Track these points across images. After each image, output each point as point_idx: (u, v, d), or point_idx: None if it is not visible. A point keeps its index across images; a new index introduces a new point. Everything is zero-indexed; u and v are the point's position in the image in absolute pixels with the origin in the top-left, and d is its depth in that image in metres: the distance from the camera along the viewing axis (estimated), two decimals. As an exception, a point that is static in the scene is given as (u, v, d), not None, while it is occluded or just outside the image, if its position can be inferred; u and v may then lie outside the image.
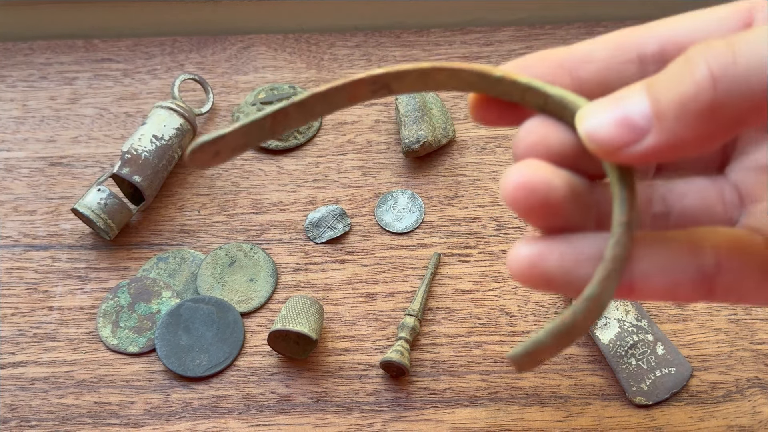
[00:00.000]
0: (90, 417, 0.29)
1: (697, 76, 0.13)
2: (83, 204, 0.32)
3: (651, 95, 0.14)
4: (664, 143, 0.14)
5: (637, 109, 0.14)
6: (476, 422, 0.29)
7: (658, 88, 0.14)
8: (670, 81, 0.14)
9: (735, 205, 0.19)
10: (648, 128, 0.14)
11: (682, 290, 0.16)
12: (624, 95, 0.14)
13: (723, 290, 0.17)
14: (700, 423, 0.28)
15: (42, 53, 0.39)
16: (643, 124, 0.14)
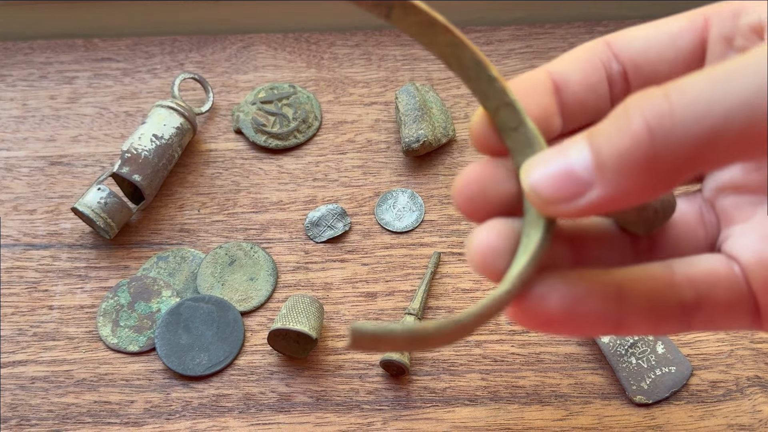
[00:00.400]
0: (90, 416, 0.29)
1: (633, 128, 0.13)
2: (83, 203, 0.32)
3: (592, 147, 0.14)
4: (608, 196, 0.14)
5: (579, 161, 0.14)
6: (476, 421, 0.29)
7: (598, 140, 0.14)
8: (609, 133, 0.14)
9: (714, 225, 0.19)
10: (591, 181, 0.14)
11: (665, 327, 0.17)
12: (567, 147, 0.14)
13: (701, 323, 0.17)
14: (701, 422, 0.28)
15: (42, 52, 0.39)
16: (587, 177, 0.14)
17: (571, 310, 0.16)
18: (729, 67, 0.13)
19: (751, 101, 0.13)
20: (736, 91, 0.13)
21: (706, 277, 0.17)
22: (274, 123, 0.36)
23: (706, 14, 0.18)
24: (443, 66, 0.39)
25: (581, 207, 0.14)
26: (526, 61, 0.39)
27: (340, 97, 0.38)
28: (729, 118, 0.13)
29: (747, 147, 0.13)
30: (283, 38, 0.40)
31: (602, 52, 0.18)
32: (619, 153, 0.13)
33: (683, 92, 0.13)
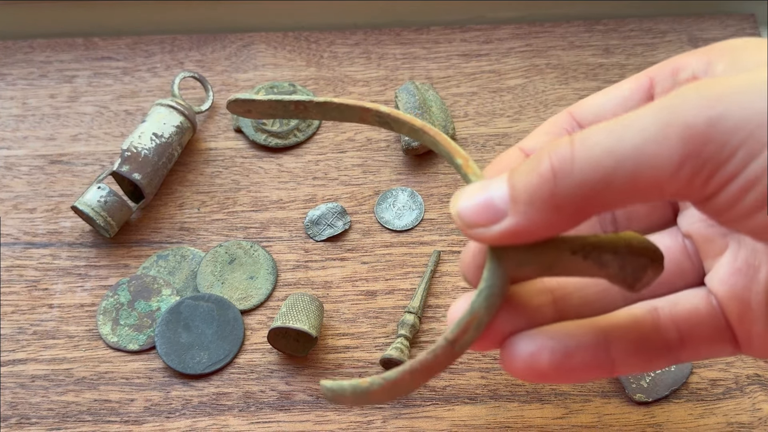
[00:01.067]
0: (90, 414, 0.29)
1: (541, 169, 0.15)
2: (83, 202, 0.32)
3: (510, 182, 0.16)
4: (518, 225, 0.16)
5: (498, 193, 0.16)
6: (476, 419, 0.29)
7: (516, 176, 0.16)
8: (523, 172, 0.16)
9: (698, 254, 0.20)
10: (506, 211, 0.16)
11: (655, 364, 0.19)
12: (490, 182, 0.16)
13: (687, 356, 0.19)
14: (700, 420, 0.28)
15: (42, 51, 0.39)
16: (502, 207, 0.16)
17: (562, 365, 0.18)
18: (623, 121, 0.15)
19: (638, 152, 0.14)
20: (627, 142, 0.14)
21: (689, 316, 0.19)
22: (274, 122, 0.36)
23: (651, 74, 0.19)
24: (443, 65, 0.39)
25: (496, 232, 0.16)
26: (526, 60, 0.39)
27: (340, 95, 0.38)
28: (619, 167, 0.14)
29: (637, 192, 0.15)
30: (283, 37, 0.40)
31: (566, 122, 0.20)
32: (528, 189, 0.15)
33: (584, 141, 0.15)
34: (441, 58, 0.39)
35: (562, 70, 0.38)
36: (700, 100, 0.14)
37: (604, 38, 0.40)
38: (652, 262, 0.17)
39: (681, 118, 0.14)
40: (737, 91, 0.14)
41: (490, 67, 0.39)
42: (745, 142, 0.14)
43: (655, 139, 0.14)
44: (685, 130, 0.14)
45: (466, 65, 0.39)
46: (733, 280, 0.18)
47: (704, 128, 0.14)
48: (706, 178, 0.14)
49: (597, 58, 0.39)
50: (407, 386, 0.17)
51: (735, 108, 0.14)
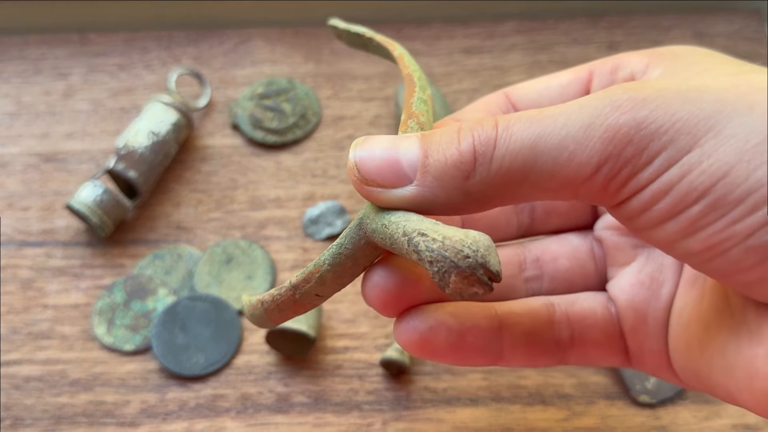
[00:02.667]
0: (85, 416, 0.28)
1: (463, 147, 0.14)
2: (78, 200, 0.31)
3: (423, 148, 0.15)
4: (420, 196, 0.15)
5: (408, 156, 0.15)
6: (478, 421, 0.28)
7: (431, 144, 0.15)
8: (441, 142, 0.15)
9: (603, 260, 0.20)
10: (411, 178, 0.15)
11: (541, 361, 0.19)
12: (400, 140, 0.15)
13: (575, 359, 0.19)
14: (705, 422, 0.28)
15: (36, 47, 0.39)
16: (408, 173, 0.15)
17: (456, 345, 0.17)
18: (549, 113, 0.14)
19: (558, 150, 0.14)
20: (548, 137, 0.14)
21: (584, 317, 0.19)
22: (272, 119, 0.36)
23: (592, 68, 0.19)
24: (445, 61, 0.38)
25: (393, 197, 0.15)
26: (529, 56, 0.38)
27: (339, 92, 0.37)
28: (537, 162, 0.14)
29: (552, 190, 0.14)
30: (281, 32, 0.39)
31: (502, 103, 0.19)
32: (443, 164, 0.14)
33: (508, 128, 0.14)
34: (442, 53, 0.39)
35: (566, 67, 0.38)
36: (626, 101, 0.14)
37: (608, 34, 0.39)
38: (457, 267, 0.14)
39: (604, 118, 0.13)
40: (664, 95, 0.13)
41: (492, 64, 0.38)
42: (665, 149, 0.13)
43: (575, 138, 0.14)
44: (607, 132, 0.13)
45: (468, 61, 0.38)
46: (634, 291, 0.18)
47: (626, 131, 0.13)
48: (622, 183, 0.14)
49: (601, 54, 0.38)
50: (262, 319, 0.18)
51: (659, 113, 0.13)
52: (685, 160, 0.13)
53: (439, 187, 0.15)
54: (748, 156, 0.13)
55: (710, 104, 0.13)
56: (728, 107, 0.13)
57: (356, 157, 0.15)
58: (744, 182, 0.13)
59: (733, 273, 0.14)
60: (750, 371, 0.14)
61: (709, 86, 0.14)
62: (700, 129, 0.13)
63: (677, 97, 0.13)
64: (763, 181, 0.13)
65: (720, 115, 0.13)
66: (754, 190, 0.13)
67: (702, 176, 0.13)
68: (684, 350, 0.17)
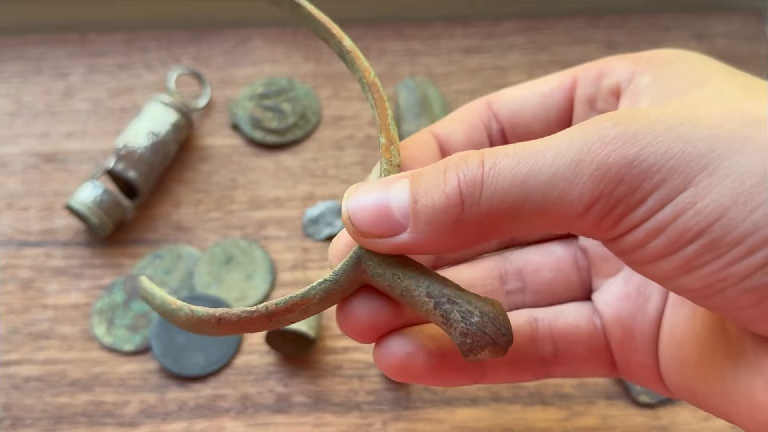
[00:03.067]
0: (85, 416, 0.28)
1: (448, 189, 0.14)
2: (77, 200, 0.31)
3: (412, 192, 0.15)
4: (414, 243, 0.15)
5: (398, 202, 0.15)
6: (477, 422, 0.28)
7: (419, 188, 0.15)
8: (429, 185, 0.14)
9: (588, 270, 0.20)
10: (405, 226, 0.15)
11: (524, 376, 0.18)
12: (390, 184, 0.15)
13: (560, 373, 0.19)
14: (705, 422, 0.28)
15: (36, 47, 0.39)
16: (401, 221, 0.15)
17: (437, 368, 0.17)
18: (536, 148, 0.14)
19: (547, 188, 0.13)
20: (537, 175, 0.13)
21: (568, 332, 0.18)
22: (272, 119, 0.36)
23: (576, 75, 0.18)
24: (445, 61, 0.38)
25: (391, 246, 0.15)
26: (529, 56, 0.38)
27: (339, 92, 0.37)
28: (527, 201, 0.14)
29: (543, 226, 0.14)
30: (281, 32, 0.39)
31: (483, 112, 0.19)
32: (432, 208, 0.14)
33: (494, 167, 0.14)
34: (442, 53, 0.39)
35: (566, 66, 0.38)
36: (615, 137, 0.13)
37: (608, 34, 0.39)
38: (494, 344, 0.15)
39: (594, 155, 0.13)
40: (654, 131, 0.13)
41: (492, 63, 0.38)
42: (658, 188, 0.13)
43: (565, 176, 0.13)
44: (598, 170, 0.13)
45: (467, 61, 0.38)
46: (620, 305, 0.18)
47: (617, 169, 0.13)
48: (615, 221, 0.14)
49: (601, 53, 0.38)
50: (210, 330, 0.17)
51: (650, 150, 0.13)
52: (680, 200, 0.13)
53: (433, 232, 0.14)
54: (743, 198, 0.12)
55: (703, 141, 0.13)
56: (722, 144, 0.13)
57: (349, 210, 0.15)
58: (740, 224, 0.12)
59: (730, 310, 0.14)
60: (750, 401, 0.14)
61: (701, 120, 0.13)
62: (693, 168, 0.13)
63: (668, 133, 0.13)
64: (760, 224, 0.12)
65: (713, 154, 0.13)
66: (751, 232, 0.12)
67: (697, 217, 0.13)
68: (678, 370, 0.17)
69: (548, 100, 0.19)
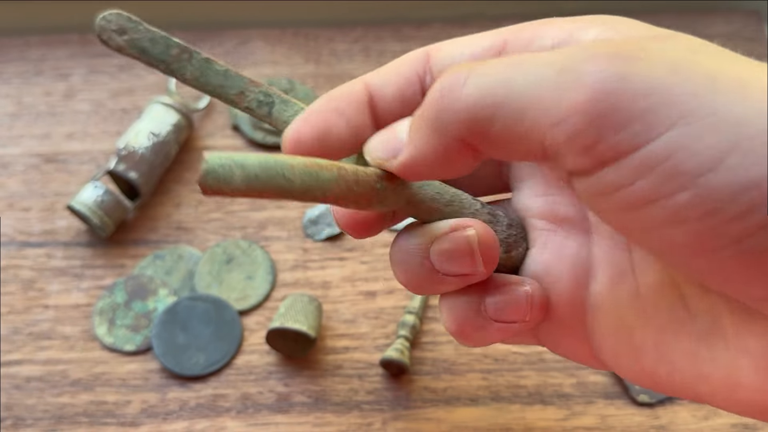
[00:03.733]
0: (86, 416, 0.29)
1: (433, 92, 0.14)
2: (79, 201, 0.32)
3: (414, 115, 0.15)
4: (410, 157, 0.15)
5: (401, 125, 0.15)
6: (477, 421, 0.28)
7: (419, 109, 0.15)
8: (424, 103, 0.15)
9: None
10: (403, 143, 0.15)
11: (521, 339, 0.18)
12: (400, 122, 0.16)
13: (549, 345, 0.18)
14: (704, 422, 0.28)
15: (37, 48, 0.39)
16: (403, 139, 0.15)
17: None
18: (522, 57, 0.14)
19: (528, 89, 0.13)
20: (519, 75, 0.13)
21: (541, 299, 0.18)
22: (272, 119, 0.36)
23: (506, 36, 0.18)
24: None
25: (394, 166, 0.15)
26: (528, 57, 0.38)
27: (339, 93, 0.37)
28: (507, 99, 0.13)
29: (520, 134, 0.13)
30: (281, 33, 0.39)
31: (420, 65, 0.18)
32: (419, 116, 0.15)
33: (481, 67, 0.14)
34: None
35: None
36: (607, 55, 0.12)
37: (607, 34, 0.39)
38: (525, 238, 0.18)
39: (582, 65, 0.12)
40: (648, 56, 0.12)
41: (491, 64, 0.38)
42: (646, 114, 0.12)
43: (547, 82, 0.12)
44: (581, 78, 0.12)
45: (466, 62, 0.38)
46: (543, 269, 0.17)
47: (604, 83, 0.12)
48: (593, 140, 0.12)
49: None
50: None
51: (644, 72, 0.12)
52: (672, 137, 0.11)
53: (419, 139, 0.14)
54: (743, 147, 0.11)
55: (701, 81, 0.12)
56: (722, 87, 0.12)
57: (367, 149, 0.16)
58: (740, 176, 0.11)
59: (717, 273, 0.12)
60: (731, 381, 0.14)
61: (699, 59, 0.12)
62: (688, 103, 0.11)
63: (663, 62, 0.12)
64: (758, 180, 0.11)
65: (713, 95, 0.11)
66: (750, 187, 0.11)
67: (691, 161, 0.11)
68: (628, 353, 0.16)
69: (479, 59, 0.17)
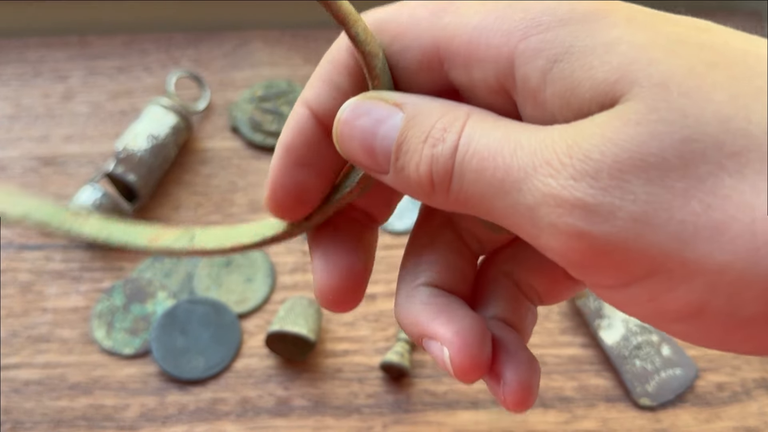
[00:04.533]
0: (85, 420, 0.28)
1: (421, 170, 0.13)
2: (77, 203, 0.31)
3: (398, 141, 0.13)
4: (396, 188, 0.14)
5: (383, 144, 0.14)
6: (478, 425, 0.28)
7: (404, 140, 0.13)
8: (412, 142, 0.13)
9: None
10: (386, 169, 0.14)
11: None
12: (385, 116, 0.14)
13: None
14: (706, 425, 0.28)
15: (36, 50, 0.39)
16: (382, 163, 0.14)
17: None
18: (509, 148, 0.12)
19: (510, 210, 0.12)
20: (501, 189, 0.12)
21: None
22: (272, 121, 0.36)
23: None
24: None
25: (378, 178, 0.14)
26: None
27: (339, 94, 0.37)
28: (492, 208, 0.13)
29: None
30: (281, 34, 0.39)
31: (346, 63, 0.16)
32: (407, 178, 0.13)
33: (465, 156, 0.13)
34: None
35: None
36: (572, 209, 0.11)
37: (607, 35, 0.39)
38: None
39: (549, 216, 0.12)
40: (611, 210, 0.11)
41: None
42: (613, 270, 0.12)
43: (524, 216, 0.12)
44: (551, 229, 0.12)
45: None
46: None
47: (569, 242, 0.12)
48: (575, 274, 0.12)
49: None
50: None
51: (605, 231, 0.11)
52: (650, 284, 0.11)
53: (411, 193, 0.14)
54: (726, 293, 0.11)
55: (673, 231, 0.11)
56: (692, 236, 0.11)
57: (339, 127, 0.14)
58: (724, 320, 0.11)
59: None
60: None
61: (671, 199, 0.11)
62: (659, 259, 0.11)
63: (629, 212, 0.11)
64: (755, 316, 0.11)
65: (685, 248, 0.11)
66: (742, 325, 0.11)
67: (673, 304, 0.11)
68: None
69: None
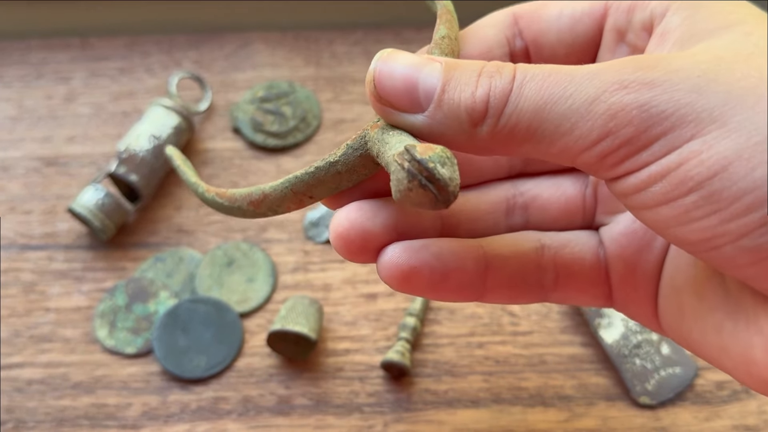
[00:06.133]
0: (87, 419, 0.29)
1: (478, 94, 0.14)
2: (79, 203, 0.32)
3: (444, 80, 0.14)
4: (426, 129, 0.15)
5: (426, 83, 0.14)
6: (478, 423, 0.28)
7: (450, 78, 0.14)
8: (460, 80, 0.14)
9: (593, 208, 0.19)
10: (424, 108, 0.15)
11: (520, 300, 0.18)
12: (425, 63, 0.15)
13: (556, 298, 0.19)
14: (706, 423, 0.28)
15: (38, 52, 0.39)
16: (422, 102, 0.15)
17: (439, 284, 0.17)
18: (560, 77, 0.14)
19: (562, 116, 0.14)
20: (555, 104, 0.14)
21: (572, 263, 0.18)
22: (273, 122, 0.36)
23: (607, 3, 0.18)
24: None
25: (402, 121, 0.15)
26: (528, 59, 0.38)
27: (340, 95, 0.37)
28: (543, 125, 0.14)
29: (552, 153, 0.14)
30: (282, 36, 0.40)
31: (508, 28, 0.18)
32: (457, 105, 0.14)
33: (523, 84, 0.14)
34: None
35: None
36: (633, 82, 0.13)
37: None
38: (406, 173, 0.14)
39: (609, 95, 0.13)
40: (672, 80, 0.13)
41: (491, 66, 0.38)
42: (665, 134, 0.13)
43: (579, 110, 0.14)
44: (610, 109, 0.13)
45: (466, 64, 0.38)
46: (626, 241, 0.18)
47: (628, 111, 0.13)
48: (619, 160, 0.14)
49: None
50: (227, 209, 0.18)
51: (664, 97, 0.13)
52: (685, 149, 0.13)
53: (447, 126, 0.14)
54: (748, 153, 0.12)
55: (717, 96, 0.13)
56: (735, 100, 0.13)
57: (376, 71, 0.15)
58: (741, 180, 0.12)
59: (728, 266, 0.14)
60: (747, 357, 0.14)
61: (719, 74, 0.13)
62: (703, 119, 0.13)
63: (685, 83, 0.13)
64: (759, 182, 0.12)
65: (725, 107, 0.13)
66: (750, 190, 0.12)
67: (699, 167, 0.13)
68: (675, 315, 0.17)
69: (578, 24, 0.18)
